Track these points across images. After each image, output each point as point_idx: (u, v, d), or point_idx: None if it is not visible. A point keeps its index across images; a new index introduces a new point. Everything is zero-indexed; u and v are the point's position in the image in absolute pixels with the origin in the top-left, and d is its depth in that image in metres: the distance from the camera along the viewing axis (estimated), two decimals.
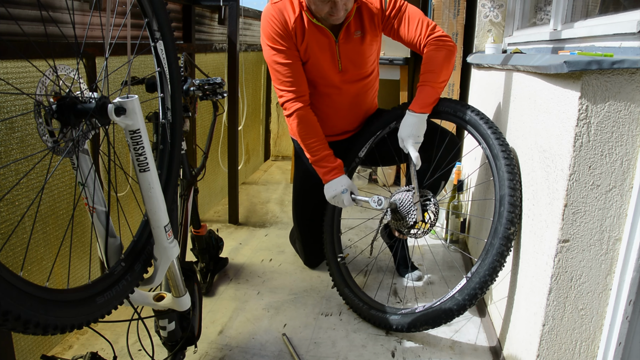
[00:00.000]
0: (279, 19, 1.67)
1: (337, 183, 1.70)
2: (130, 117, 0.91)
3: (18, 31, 1.28)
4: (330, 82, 1.80)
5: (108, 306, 0.91)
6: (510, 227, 1.40)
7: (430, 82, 1.65)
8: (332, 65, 1.77)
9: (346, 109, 1.89)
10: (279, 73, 1.71)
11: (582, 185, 1.06)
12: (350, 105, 1.88)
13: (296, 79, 1.71)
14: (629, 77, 1.00)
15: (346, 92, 1.84)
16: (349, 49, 1.75)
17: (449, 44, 1.67)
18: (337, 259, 1.84)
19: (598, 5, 1.64)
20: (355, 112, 1.93)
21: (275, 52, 1.69)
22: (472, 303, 1.44)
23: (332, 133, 1.94)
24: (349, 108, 1.89)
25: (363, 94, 1.90)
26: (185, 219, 1.61)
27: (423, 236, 1.68)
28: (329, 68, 1.77)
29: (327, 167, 1.72)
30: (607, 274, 1.09)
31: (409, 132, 1.64)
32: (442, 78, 1.67)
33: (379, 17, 1.73)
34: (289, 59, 1.69)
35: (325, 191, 1.73)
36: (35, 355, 1.42)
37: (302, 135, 1.74)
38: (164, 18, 1.13)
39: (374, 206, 1.60)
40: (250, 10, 3.11)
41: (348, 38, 1.73)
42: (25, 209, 1.34)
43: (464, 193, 2.26)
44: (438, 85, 1.66)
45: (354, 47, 1.75)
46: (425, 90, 1.65)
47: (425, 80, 1.66)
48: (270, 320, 1.72)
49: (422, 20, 1.70)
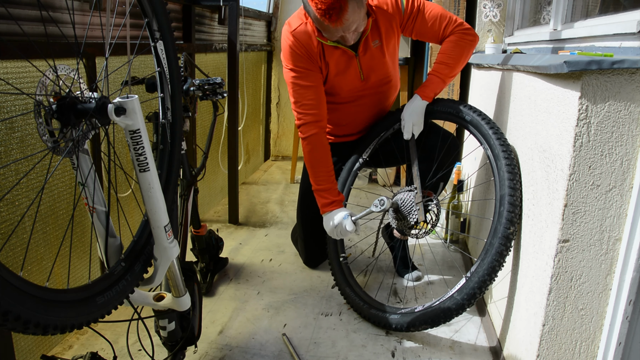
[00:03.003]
0: (302, 41, 1.65)
1: (336, 214, 1.68)
2: (130, 117, 0.91)
3: (18, 31, 1.28)
4: (353, 91, 1.81)
5: (108, 306, 0.91)
6: (510, 226, 1.40)
7: (443, 76, 1.70)
8: (354, 77, 1.77)
9: (368, 112, 1.90)
10: (300, 95, 1.69)
11: (582, 185, 1.06)
12: (373, 108, 1.90)
13: (317, 103, 1.70)
14: (629, 77, 1.00)
15: (369, 97, 1.85)
16: (369, 60, 1.74)
17: (469, 38, 1.69)
18: (340, 258, 1.84)
19: (598, 5, 1.64)
20: (377, 114, 1.94)
21: (297, 74, 1.68)
22: (470, 303, 1.44)
23: (348, 133, 1.96)
24: (371, 111, 1.91)
25: (385, 99, 1.92)
26: (185, 219, 1.61)
27: (424, 236, 1.68)
28: (351, 80, 1.77)
29: (328, 199, 1.71)
30: (607, 274, 1.09)
31: (414, 117, 1.72)
32: (455, 72, 1.72)
33: (396, 21, 1.70)
34: (311, 82, 1.68)
35: (324, 224, 1.72)
36: (35, 355, 1.42)
37: (312, 162, 1.73)
38: (164, 18, 1.13)
39: (376, 210, 1.58)
40: (250, 10, 3.11)
41: (367, 49, 1.72)
42: (25, 209, 1.34)
43: (464, 193, 2.26)
44: (448, 79, 1.72)
45: (374, 56, 1.74)
46: (436, 81, 1.71)
47: (439, 71, 1.70)
48: (270, 320, 1.72)
49: (442, 16, 1.70)
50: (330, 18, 1.45)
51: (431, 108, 1.75)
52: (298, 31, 1.66)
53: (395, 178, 3.28)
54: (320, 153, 1.72)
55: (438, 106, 1.75)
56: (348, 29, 1.52)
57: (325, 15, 1.45)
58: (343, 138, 1.99)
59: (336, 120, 1.92)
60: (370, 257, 2.15)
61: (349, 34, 1.55)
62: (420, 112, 1.72)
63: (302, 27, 1.66)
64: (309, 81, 1.68)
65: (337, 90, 1.79)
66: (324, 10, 1.44)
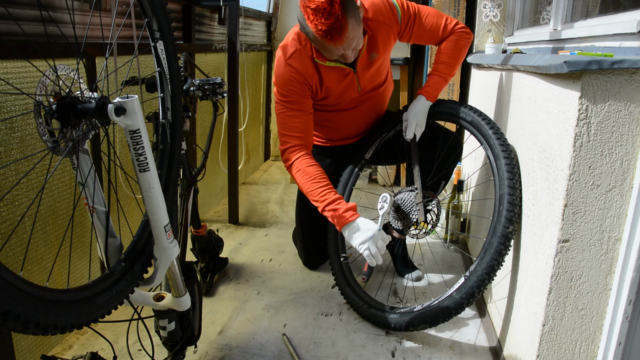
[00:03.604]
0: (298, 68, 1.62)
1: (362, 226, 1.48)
2: (130, 117, 0.91)
3: (18, 31, 1.28)
4: (349, 101, 1.80)
5: (108, 306, 0.91)
6: (509, 225, 1.40)
7: (445, 75, 1.73)
8: (352, 90, 1.76)
9: (365, 116, 1.90)
10: (287, 118, 1.66)
11: (582, 185, 1.06)
12: (369, 112, 1.90)
13: (304, 128, 1.68)
14: (629, 77, 1.00)
15: (364, 103, 1.85)
16: (367, 73, 1.74)
17: (466, 36, 1.73)
18: (340, 258, 1.84)
19: (598, 5, 1.64)
20: (373, 116, 1.94)
21: (286, 100, 1.65)
22: (469, 302, 1.44)
23: (345, 137, 1.96)
24: (367, 115, 1.90)
25: (381, 101, 1.92)
26: (185, 219, 1.61)
27: (424, 237, 1.68)
28: (349, 93, 1.77)
29: (342, 209, 1.53)
30: (607, 274, 1.09)
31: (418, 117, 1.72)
32: (455, 71, 1.75)
33: (394, 31, 1.69)
34: (300, 108, 1.66)
35: (352, 240, 1.49)
36: (35, 355, 1.42)
37: (307, 185, 1.61)
38: (164, 18, 1.13)
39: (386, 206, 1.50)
40: (250, 10, 3.11)
41: (364, 64, 1.70)
42: (25, 209, 1.34)
43: (464, 193, 2.26)
44: (449, 78, 1.75)
45: (371, 68, 1.73)
46: (439, 81, 1.73)
47: (440, 71, 1.73)
48: (270, 320, 1.72)
49: (439, 18, 1.71)
50: (332, 38, 1.42)
51: (432, 109, 1.75)
52: (293, 58, 1.62)
53: (395, 178, 3.28)
54: (313, 171, 1.62)
55: (439, 107, 1.75)
56: (349, 46, 1.49)
57: (327, 36, 1.41)
58: (340, 142, 1.99)
59: (332, 127, 1.92)
60: None
61: (349, 51, 1.52)
62: (424, 113, 1.73)
63: (297, 54, 1.62)
64: (298, 107, 1.66)
65: (333, 101, 1.78)
66: (325, 32, 1.40)
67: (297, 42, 1.63)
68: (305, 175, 1.62)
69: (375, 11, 1.63)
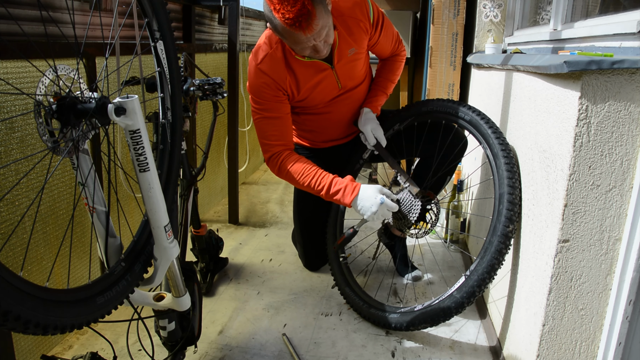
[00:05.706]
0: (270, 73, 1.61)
1: (367, 196, 1.52)
2: (130, 117, 0.91)
3: (18, 31, 1.28)
4: (331, 100, 1.80)
5: (108, 306, 0.91)
6: (509, 224, 1.40)
7: (388, 91, 1.89)
8: (332, 88, 1.75)
9: (348, 114, 1.89)
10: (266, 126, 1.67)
11: (582, 185, 1.06)
12: (352, 110, 1.89)
13: (283, 133, 1.69)
14: (629, 77, 1.00)
15: (346, 101, 1.84)
16: (346, 69, 1.72)
17: (403, 60, 1.93)
18: (340, 258, 1.84)
19: (598, 5, 1.64)
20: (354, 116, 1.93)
21: (262, 107, 1.65)
22: (470, 301, 1.44)
23: (328, 139, 1.96)
24: (351, 113, 1.90)
25: (361, 97, 1.90)
26: (185, 219, 1.61)
27: (424, 236, 1.68)
28: (329, 92, 1.76)
29: (342, 186, 1.57)
30: (607, 274, 1.09)
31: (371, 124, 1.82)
32: (392, 89, 1.92)
33: (366, 25, 1.68)
34: (277, 113, 1.67)
35: (363, 212, 1.53)
36: (35, 355, 1.42)
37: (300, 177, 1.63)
38: (164, 18, 1.13)
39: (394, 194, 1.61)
40: (250, 10, 3.11)
41: (342, 58, 1.68)
42: (25, 209, 1.34)
43: (464, 193, 2.26)
44: (389, 93, 1.91)
45: (350, 64, 1.72)
46: (382, 95, 1.87)
47: (385, 88, 1.89)
48: (270, 320, 1.72)
49: (396, 34, 1.84)
50: (301, 25, 1.36)
51: (431, 109, 1.76)
52: (264, 63, 1.61)
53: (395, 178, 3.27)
54: (300, 167, 1.63)
55: (438, 107, 1.75)
56: (319, 35, 1.44)
57: (295, 24, 1.36)
58: (322, 144, 1.98)
59: (314, 129, 1.92)
60: (370, 257, 2.15)
61: (320, 42, 1.47)
62: (373, 119, 1.82)
63: (268, 58, 1.60)
64: (275, 113, 1.66)
65: (312, 102, 1.77)
66: (293, 19, 1.35)
67: (268, 46, 1.62)
68: (294, 174, 1.64)
69: (349, 7, 1.63)
